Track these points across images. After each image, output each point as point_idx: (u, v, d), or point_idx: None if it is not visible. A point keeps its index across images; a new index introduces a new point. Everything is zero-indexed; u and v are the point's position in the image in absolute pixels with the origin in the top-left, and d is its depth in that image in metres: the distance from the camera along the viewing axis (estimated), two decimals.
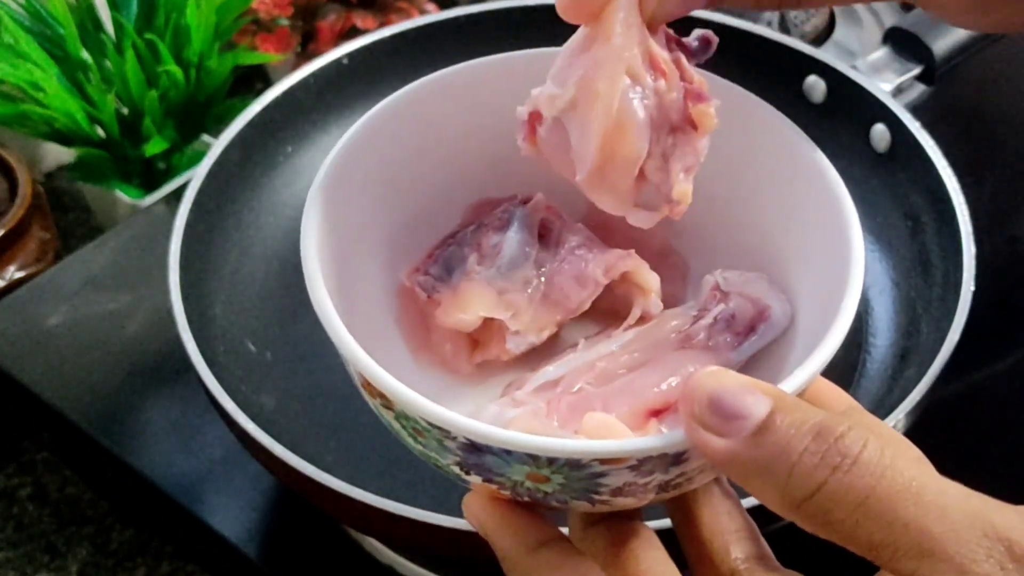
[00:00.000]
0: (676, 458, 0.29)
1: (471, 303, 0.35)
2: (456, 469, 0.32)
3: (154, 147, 0.75)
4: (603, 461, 0.29)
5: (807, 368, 0.30)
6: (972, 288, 0.52)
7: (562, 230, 0.37)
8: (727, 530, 0.33)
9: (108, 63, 0.75)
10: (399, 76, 0.71)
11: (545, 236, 0.37)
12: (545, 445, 0.29)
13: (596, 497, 0.31)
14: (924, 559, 0.26)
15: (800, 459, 0.27)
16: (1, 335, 0.64)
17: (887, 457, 0.27)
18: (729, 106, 0.34)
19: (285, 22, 0.87)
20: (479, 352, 0.36)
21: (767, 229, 0.37)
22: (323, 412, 0.56)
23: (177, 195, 0.62)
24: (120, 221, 0.78)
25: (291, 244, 0.63)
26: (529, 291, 0.35)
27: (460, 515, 0.45)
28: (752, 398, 0.28)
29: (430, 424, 0.30)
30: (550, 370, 0.34)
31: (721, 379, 0.28)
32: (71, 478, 0.67)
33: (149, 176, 0.79)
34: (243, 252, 0.61)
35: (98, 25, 0.77)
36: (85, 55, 0.75)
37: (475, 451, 0.30)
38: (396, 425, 0.32)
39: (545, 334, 0.36)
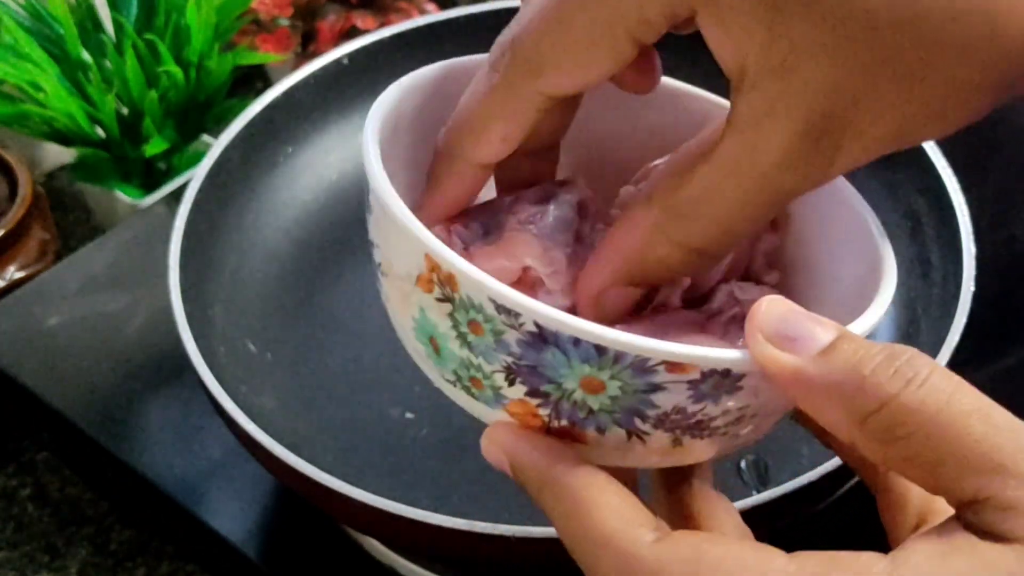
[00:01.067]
0: (732, 384, 0.29)
1: (517, 251, 0.34)
2: (500, 379, 0.30)
3: (154, 147, 0.75)
4: (670, 366, 0.28)
5: (870, 316, 0.31)
6: (972, 288, 0.52)
7: (599, 212, 0.37)
8: (725, 523, 0.33)
9: (108, 63, 0.75)
10: (399, 76, 0.71)
11: (583, 214, 0.36)
12: (618, 337, 0.28)
13: (638, 424, 0.30)
14: (994, 475, 0.26)
15: (872, 372, 0.27)
16: (1, 335, 0.64)
17: (955, 381, 0.27)
18: None
19: (285, 22, 0.87)
20: None
21: (792, 245, 0.37)
22: (323, 412, 0.56)
23: (177, 195, 0.62)
24: (120, 221, 0.78)
25: (291, 244, 0.63)
26: (568, 251, 0.35)
27: (460, 515, 0.45)
28: (819, 326, 0.28)
29: (498, 308, 0.29)
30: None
31: (787, 305, 0.29)
32: (71, 478, 0.67)
33: (149, 176, 0.79)
34: (243, 252, 0.61)
35: (98, 25, 0.77)
36: (85, 55, 0.75)
37: (537, 344, 0.29)
38: (445, 326, 0.31)
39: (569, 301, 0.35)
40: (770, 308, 0.29)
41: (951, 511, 0.28)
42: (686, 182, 0.31)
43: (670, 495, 0.34)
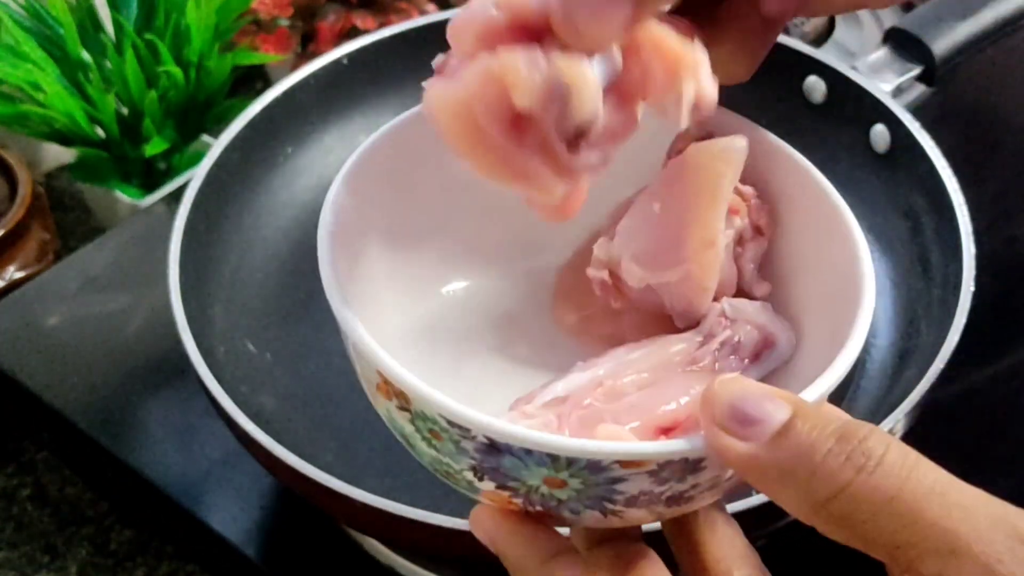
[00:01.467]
0: (694, 466, 0.29)
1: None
2: (469, 475, 0.31)
3: (154, 147, 0.75)
4: (624, 464, 0.29)
5: (826, 379, 0.30)
6: (972, 288, 0.52)
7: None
8: (729, 556, 0.33)
9: (108, 63, 0.75)
10: (399, 76, 0.71)
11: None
12: (567, 445, 0.29)
13: (609, 507, 0.30)
14: (950, 558, 0.26)
15: (824, 460, 0.27)
16: (1, 335, 0.64)
17: (911, 459, 0.27)
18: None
19: (285, 22, 0.87)
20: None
21: (775, 260, 0.37)
22: (323, 412, 0.56)
23: (177, 195, 0.62)
24: (120, 221, 0.78)
25: (291, 244, 0.63)
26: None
27: (460, 515, 0.45)
28: (772, 404, 0.28)
29: (450, 423, 0.30)
30: (558, 386, 0.34)
31: (741, 385, 0.29)
32: (71, 478, 0.67)
33: (149, 176, 0.79)
34: (243, 252, 0.61)
35: (98, 25, 0.77)
36: (85, 55, 0.75)
37: (494, 452, 0.30)
38: (409, 429, 0.32)
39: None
40: (723, 391, 0.28)
41: None
42: None
43: (676, 525, 0.34)
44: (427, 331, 0.38)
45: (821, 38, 0.81)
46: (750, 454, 0.28)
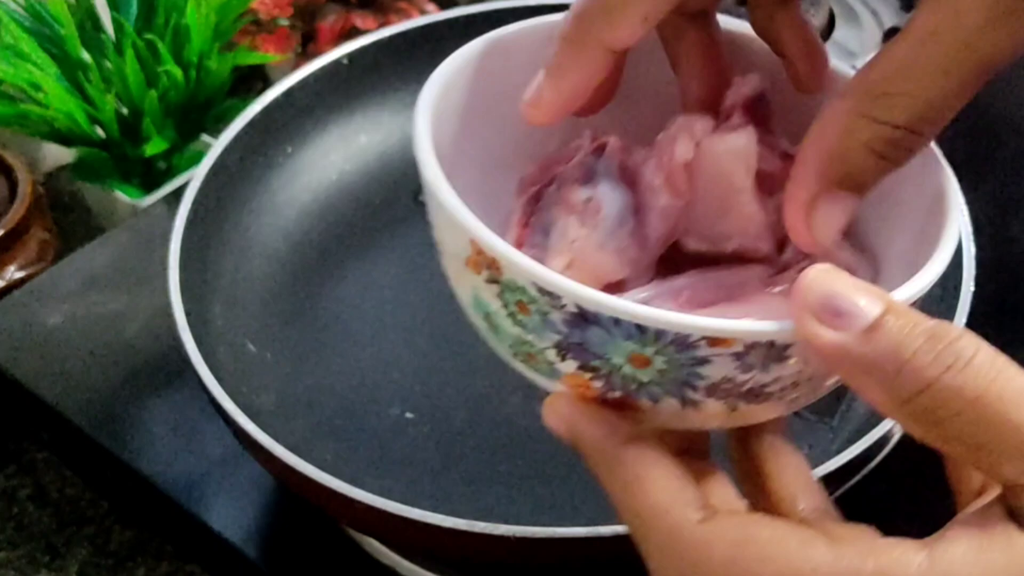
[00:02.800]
0: (779, 354, 0.29)
1: (598, 275, 0.34)
2: (552, 354, 0.31)
3: (154, 147, 0.75)
4: (711, 341, 0.29)
5: (917, 282, 0.30)
6: (972, 288, 0.52)
7: (636, 167, 0.36)
8: (794, 484, 0.33)
9: (108, 63, 0.75)
10: (399, 76, 0.71)
11: (627, 179, 0.36)
12: (656, 315, 0.29)
13: (689, 395, 0.30)
14: None
15: (913, 357, 0.27)
16: (1, 335, 0.64)
17: (1000, 362, 0.27)
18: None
19: (285, 22, 0.87)
20: None
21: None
22: (323, 412, 0.56)
23: (177, 195, 0.62)
24: (120, 221, 0.78)
25: (291, 244, 0.63)
26: (636, 240, 0.34)
27: (460, 515, 0.45)
28: (865, 298, 0.28)
29: (540, 291, 0.29)
30: (639, 294, 0.34)
31: (836, 276, 0.28)
32: (71, 478, 0.67)
33: (149, 176, 0.79)
34: (243, 252, 0.61)
35: (98, 25, 0.77)
36: (85, 55, 0.75)
37: (581, 323, 0.29)
38: (496, 305, 0.31)
39: (648, 275, 0.35)
40: (816, 280, 0.28)
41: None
42: (882, 61, 0.30)
43: (742, 449, 0.34)
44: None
45: (821, 38, 0.81)
46: (840, 344, 0.28)
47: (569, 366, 0.31)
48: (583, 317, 0.29)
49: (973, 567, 0.27)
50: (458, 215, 0.31)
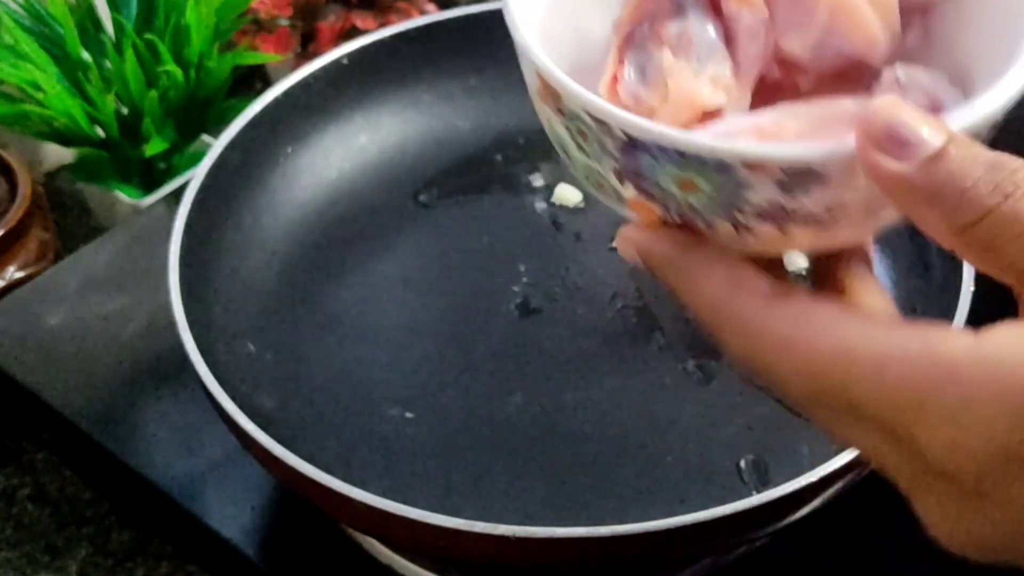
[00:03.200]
0: (821, 178, 0.29)
1: (694, 102, 0.34)
2: (614, 180, 0.32)
3: (154, 147, 0.75)
4: (748, 165, 0.29)
5: (982, 105, 0.30)
6: (972, 288, 0.52)
7: None
8: (869, 299, 0.33)
9: (108, 63, 0.75)
10: (399, 76, 0.71)
11: (714, 8, 0.36)
12: (693, 141, 0.29)
13: (740, 218, 0.31)
14: None
15: (973, 185, 0.27)
16: (1, 335, 0.64)
17: None
18: None
19: (285, 22, 0.87)
20: None
21: (949, 28, 0.36)
22: (323, 412, 0.56)
23: (177, 195, 0.62)
24: (120, 221, 0.78)
25: (291, 244, 0.63)
26: (730, 66, 0.35)
27: (460, 515, 0.45)
28: (929, 129, 0.28)
29: (592, 118, 0.31)
30: (718, 127, 0.34)
31: (900, 107, 0.29)
32: (71, 478, 0.67)
33: (149, 176, 0.79)
34: (243, 252, 0.61)
35: (98, 25, 0.77)
36: (85, 55, 0.75)
37: (631, 151, 0.30)
38: (564, 134, 0.33)
39: (746, 103, 0.35)
40: (881, 110, 0.28)
41: None
42: None
43: (823, 271, 0.34)
44: None
45: None
46: (901, 173, 0.28)
47: (630, 191, 0.32)
48: (632, 144, 0.30)
49: (1018, 346, 0.27)
50: (527, 50, 0.32)
